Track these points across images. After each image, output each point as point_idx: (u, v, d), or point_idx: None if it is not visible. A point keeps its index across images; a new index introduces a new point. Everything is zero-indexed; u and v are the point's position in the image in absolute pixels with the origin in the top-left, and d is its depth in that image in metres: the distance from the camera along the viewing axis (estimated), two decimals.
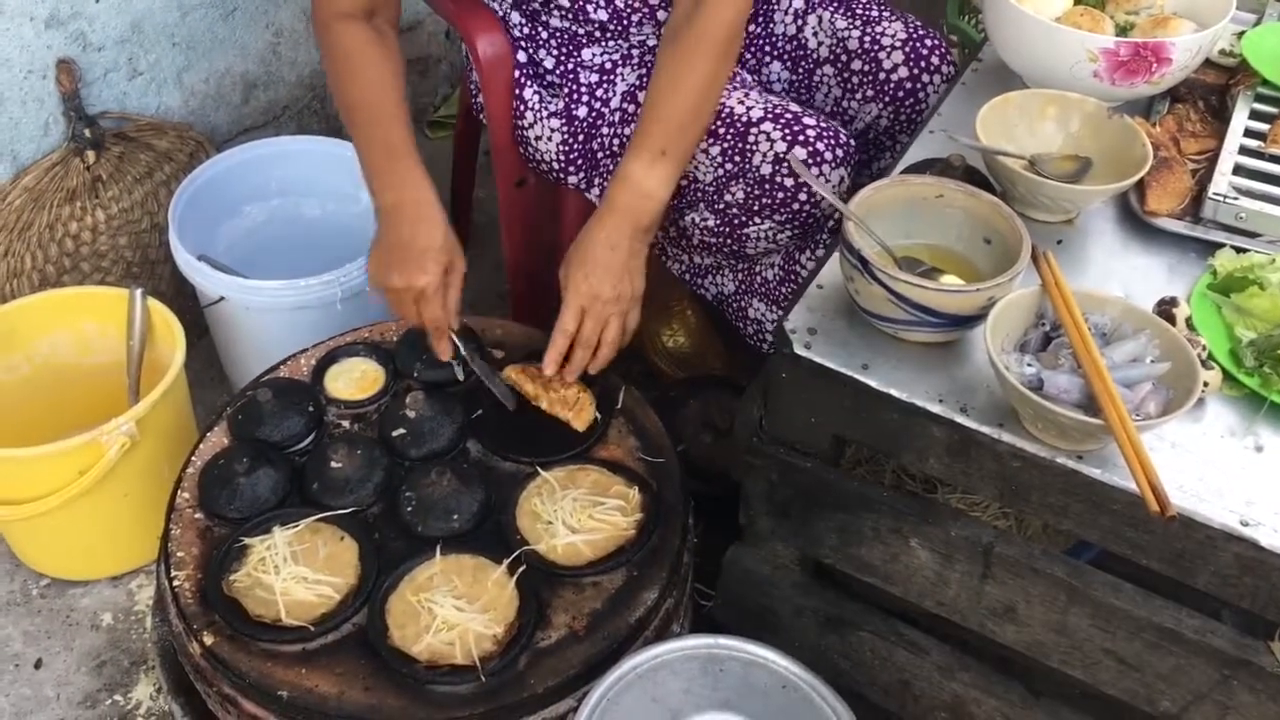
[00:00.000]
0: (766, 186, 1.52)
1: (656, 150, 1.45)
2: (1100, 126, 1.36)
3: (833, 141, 1.52)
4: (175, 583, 1.32)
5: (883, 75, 1.66)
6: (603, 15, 1.59)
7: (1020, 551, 1.20)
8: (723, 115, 1.55)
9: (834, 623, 1.41)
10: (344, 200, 2.07)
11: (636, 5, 1.59)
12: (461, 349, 1.49)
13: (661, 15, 1.61)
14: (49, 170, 1.85)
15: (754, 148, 1.52)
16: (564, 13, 1.60)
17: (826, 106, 1.73)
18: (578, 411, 1.47)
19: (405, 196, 1.47)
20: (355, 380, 1.54)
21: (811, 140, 1.50)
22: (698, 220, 1.63)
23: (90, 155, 1.88)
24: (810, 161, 1.50)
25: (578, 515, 1.37)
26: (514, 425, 1.48)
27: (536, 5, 1.60)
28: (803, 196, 1.53)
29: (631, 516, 1.38)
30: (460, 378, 1.54)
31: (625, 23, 1.60)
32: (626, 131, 1.61)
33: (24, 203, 1.84)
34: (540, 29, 1.64)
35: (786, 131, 1.50)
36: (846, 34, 1.68)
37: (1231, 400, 1.16)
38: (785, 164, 1.50)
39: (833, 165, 1.51)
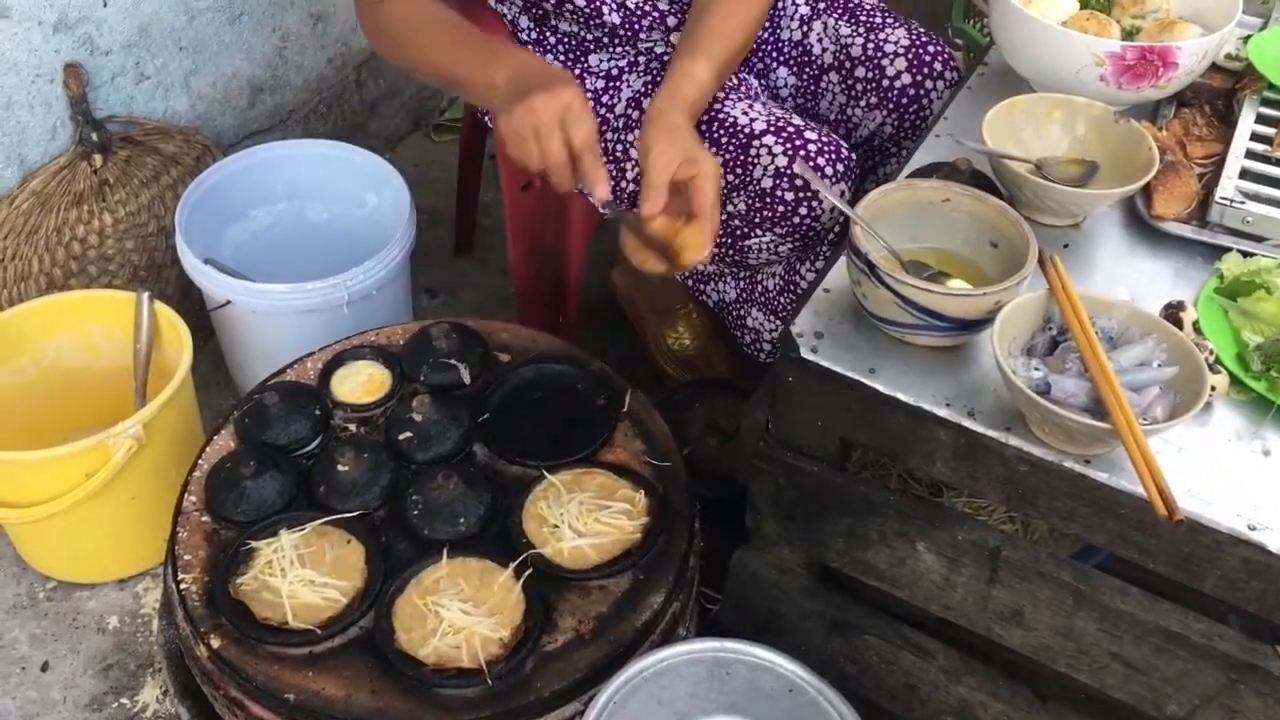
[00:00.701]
0: (767, 200, 1.52)
1: (716, 62, 1.45)
2: (1106, 130, 1.36)
3: (834, 156, 1.53)
4: (182, 586, 1.33)
5: (886, 82, 1.67)
6: (615, 19, 1.59)
7: (1027, 555, 1.20)
8: (725, 125, 1.55)
9: (840, 626, 1.41)
10: (350, 204, 2.07)
11: (647, 9, 1.59)
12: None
13: (671, 21, 1.61)
14: (56, 174, 1.86)
15: (755, 160, 1.52)
16: (576, 14, 1.60)
17: (831, 113, 1.74)
18: (691, 243, 1.36)
19: (515, 63, 1.41)
20: (362, 384, 1.55)
21: (813, 155, 1.50)
22: None
23: (97, 159, 1.89)
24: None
25: (584, 519, 1.37)
26: (520, 429, 1.48)
27: (548, 7, 1.60)
28: (803, 210, 1.53)
29: (637, 520, 1.38)
30: (467, 381, 1.54)
31: (635, 27, 1.60)
32: (630, 137, 1.61)
33: (31, 206, 1.84)
34: (548, 34, 1.64)
35: (788, 145, 1.50)
36: (850, 40, 1.69)
37: (1239, 404, 1.16)
38: (786, 178, 1.50)
39: (834, 180, 1.51)
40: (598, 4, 1.58)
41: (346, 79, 2.42)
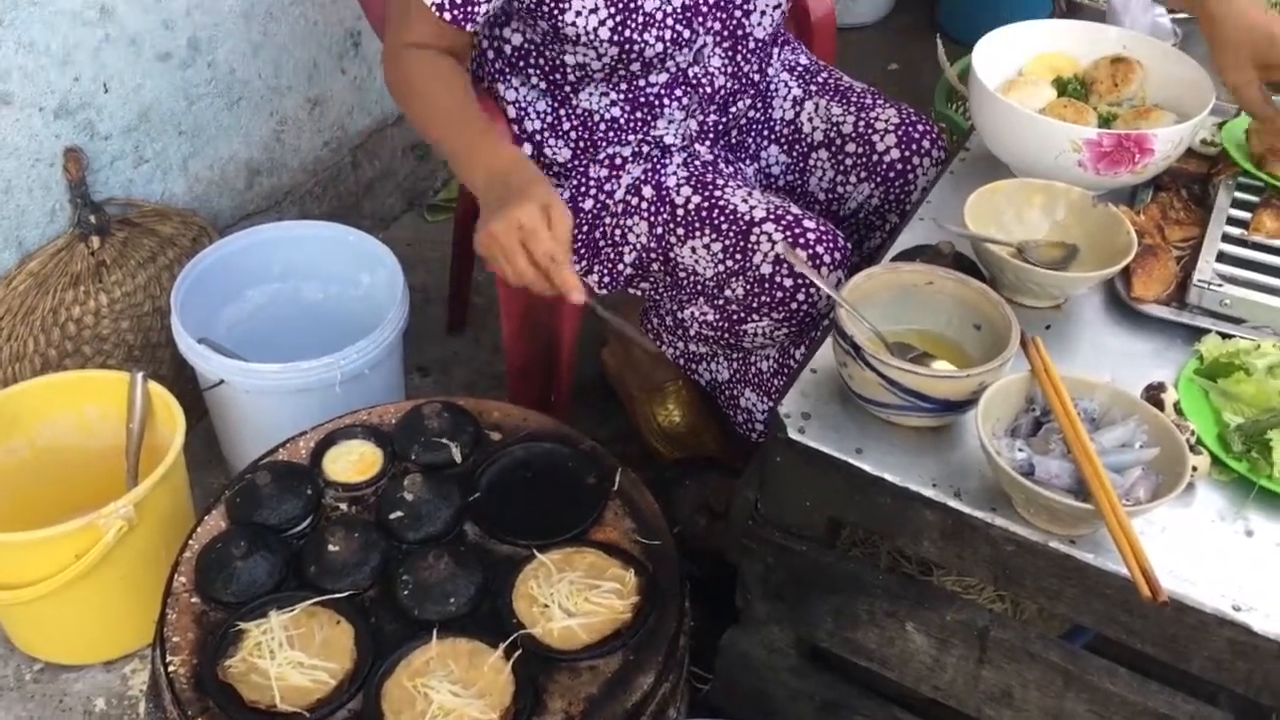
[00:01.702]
0: (766, 285, 1.55)
1: None
2: (1085, 214, 1.39)
3: (831, 245, 1.56)
4: (170, 668, 1.32)
5: (875, 156, 1.71)
6: (664, 79, 1.62)
7: (1016, 635, 1.20)
8: (725, 211, 1.58)
9: (831, 707, 1.40)
10: (345, 284, 2.10)
11: (697, 79, 1.63)
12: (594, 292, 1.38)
13: (715, 66, 1.65)
14: (54, 255, 1.88)
15: (755, 247, 1.55)
16: (629, 76, 1.62)
17: (820, 190, 1.78)
18: None
19: (498, 164, 1.43)
20: (353, 463, 1.55)
21: (811, 243, 1.54)
22: (697, 314, 1.66)
23: (95, 241, 1.92)
24: (810, 263, 1.53)
25: (574, 598, 1.37)
26: (511, 507, 1.49)
27: (573, 78, 1.63)
28: (801, 296, 1.56)
29: (628, 600, 1.38)
30: (458, 459, 1.55)
31: (675, 91, 1.64)
32: (629, 222, 1.65)
33: (28, 287, 1.86)
34: (565, 119, 1.67)
35: (788, 233, 1.54)
36: (841, 119, 1.73)
37: (1221, 485, 1.18)
38: (785, 264, 1.53)
39: (830, 268, 1.54)
40: (652, 68, 1.60)
41: (342, 161, 2.46)
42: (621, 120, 1.66)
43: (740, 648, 1.43)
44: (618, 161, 1.67)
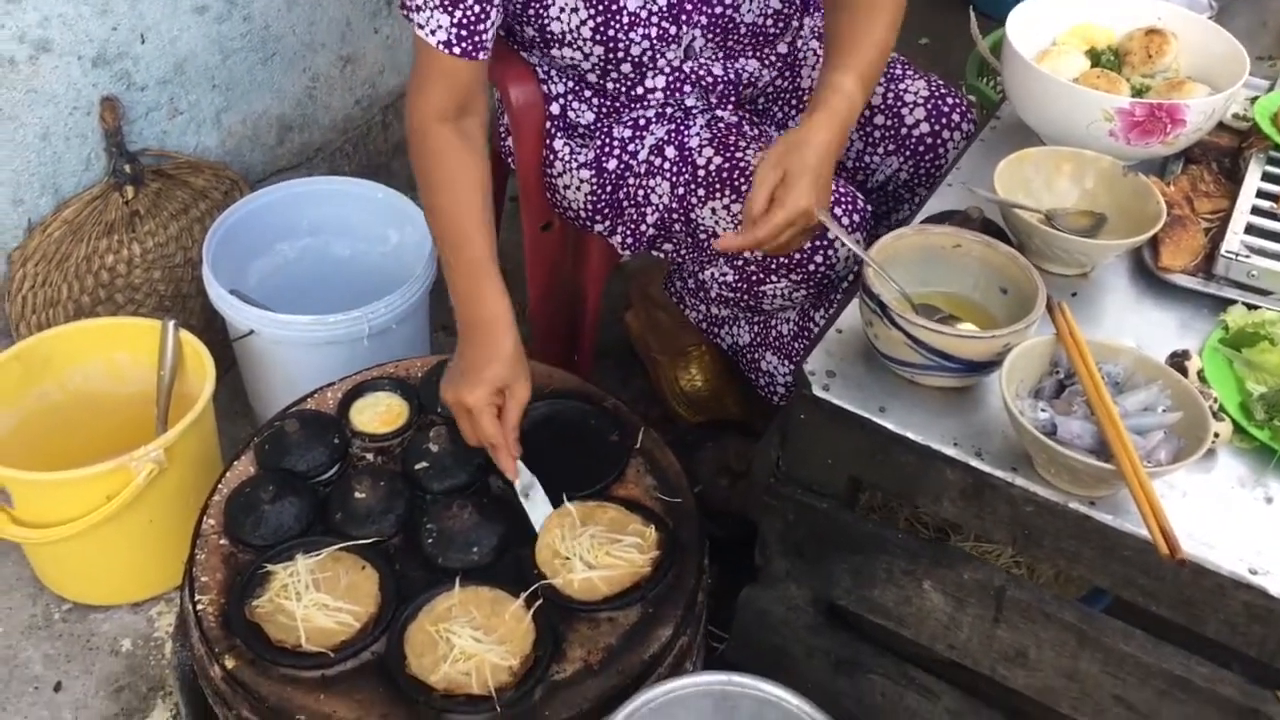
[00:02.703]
0: None
1: (856, 72, 1.43)
2: (1115, 184, 1.39)
3: (850, 207, 1.56)
4: (199, 607, 1.35)
5: (904, 130, 1.71)
6: (661, 82, 1.64)
7: (1032, 595, 1.21)
8: (747, 173, 1.58)
9: (846, 665, 1.42)
10: (372, 240, 2.11)
11: (696, 75, 1.65)
12: (523, 480, 1.46)
13: (709, 81, 1.66)
14: (89, 204, 1.90)
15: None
16: (621, 81, 1.64)
17: (848, 159, 1.78)
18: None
19: (479, 316, 1.48)
20: (380, 414, 1.57)
21: (829, 205, 1.54)
22: (717, 275, 1.66)
23: (129, 190, 1.94)
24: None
25: (595, 552, 1.39)
26: (535, 462, 1.51)
27: (592, 80, 1.65)
28: (819, 258, 1.56)
29: (648, 554, 1.40)
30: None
31: (679, 93, 1.66)
32: (651, 183, 1.65)
33: (63, 234, 1.89)
34: (585, 88, 1.69)
35: None
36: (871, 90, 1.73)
37: (1242, 452, 1.18)
38: None
39: (849, 230, 1.55)
40: (644, 71, 1.62)
41: (373, 120, 2.47)
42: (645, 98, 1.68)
43: (758, 605, 1.45)
44: (641, 123, 1.67)
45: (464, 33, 1.49)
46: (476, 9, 1.48)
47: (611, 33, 1.55)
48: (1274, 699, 1.12)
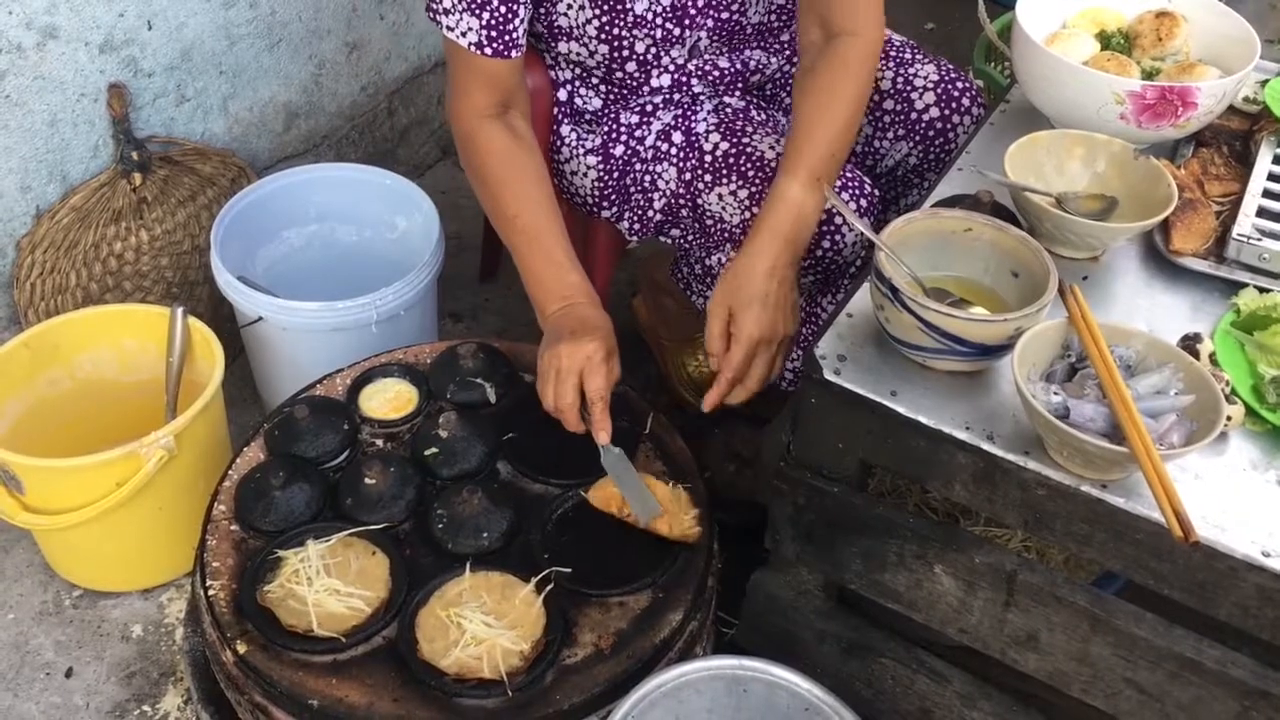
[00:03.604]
0: None
1: (810, 172, 1.45)
2: (1126, 167, 1.39)
3: (857, 192, 1.56)
4: (210, 592, 1.35)
5: (914, 115, 1.70)
6: (666, 80, 1.65)
7: (1043, 579, 1.21)
8: (753, 158, 1.58)
9: (856, 649, 1.42)
10: (379, 227, 2.11)
11: (702, 71, 1.64)
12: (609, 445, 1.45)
13: (713, 76, 1.65)
14: (97, 191, 1.90)
15: None
16: (626, 80, 1.64)
17: (858, 145, 1.77)
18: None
19: (566, 290, 1.50)
20: (389, 400, 1.58)
21: (836, 190, 1.54)
22: (724, 260, 1.66)
23: (137, 177, 1.93)
24: (834, 210, 1.53)
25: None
26: (544, 448, 1.51)
27: (599, 73, 1.65)
28: (825, 244, 1.56)
29: (689, 513, 1.42)
30: (493, 400, 1.57)
31: (686, 88, 1.66)
32: (658, 168, 1.65)
33: (71, 221, 1.89)
34: (592, 76, 1.69)
35: None
36: (880, 75, 1.72)
37: (1254, 435, 1.18)
38: None
39: (857, 215, 1.54)
40: (649, 69, 1.62)
41: (379, 106, 2.47)
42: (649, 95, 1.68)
43: (768, 589, 1.45)
44: (649, 108, 1.67)
45: (494, 33, 1.49)
46: (503, 9, 1.48)
47: (616, 31, 1.55)
48: None
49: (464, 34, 1.49)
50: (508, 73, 1.54)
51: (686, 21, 1.57)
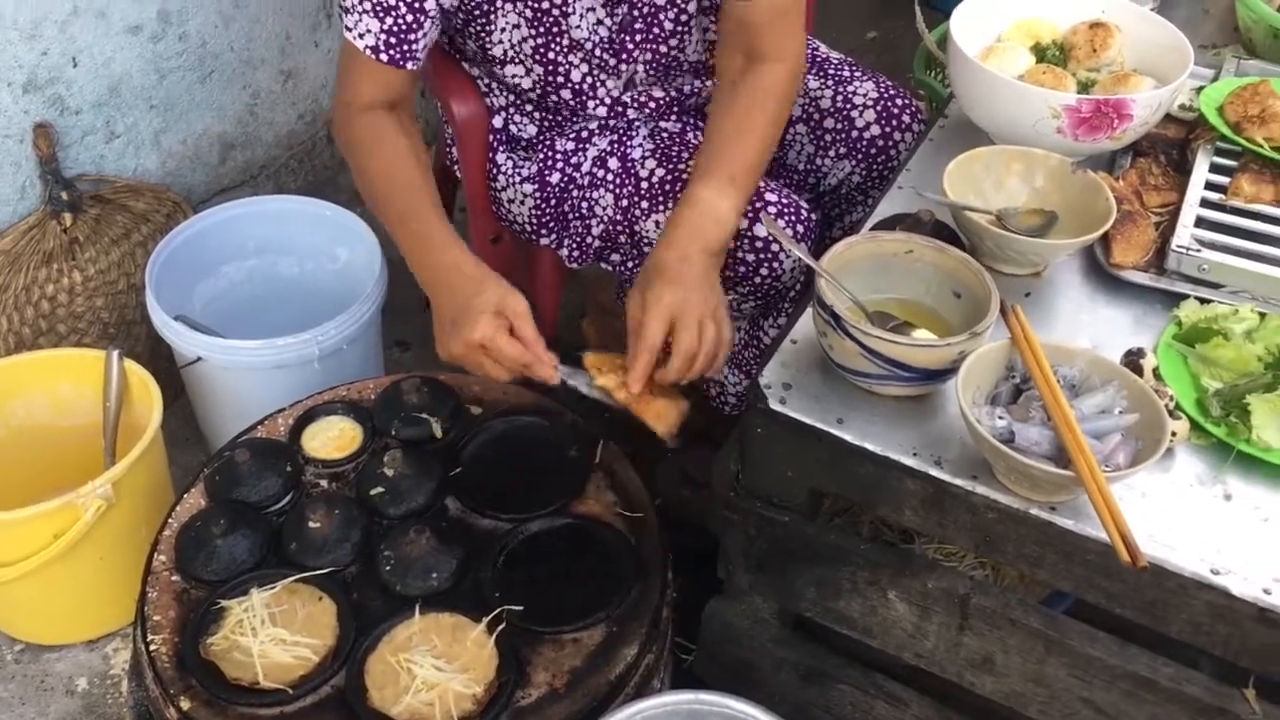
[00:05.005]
0: (729, 261, 1.53)
1: (725, 177, 1.44)
2: (1064, 181, 1.39)
3: (794, 218, 1.55)
4: (152, 647, 1.32)
5: (855, 133, 1.70)
6: (602, 111, 1.63)
7: (997, 602, 1.21)
8: None
9: (814, 676, 1.41)
10: (321, 258, 2.08)
11: (638, 102, 1.63)
12: (562, 374, 1.40)
13: (652, 106, 1.64)
14: (26, 233, 1.86)
15: None
16: (561, 106, 1.63)
17: (800, 163, 1.76)
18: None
19: (442, 277, 1.45)
20: (333, 439, 1.55)
21: (773, 217, 1.53)
22: None
23: (67, 218, 1.89)
24: (772, 238, 1.52)
25: None
26: (493, 482, 1.49)
27: (534, 97, 1.63)
28: (764, 271, 1.55)
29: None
30: (439, 434, 1.54)
31: (621, 119, 1.64)
32: (595, 195, 1.63)
33: (0, 266, 1.84)
34: (526, 103, 1.67)
35: (749, 208, 1.53)
36: (819, 94, 1.72)
37: (1199, 449, 1.18)
38: (747, 240, 1.53)
39: (794, 241, 1.53)
40: (584, 99, 1.61)
41: (318, 134, 2.43)
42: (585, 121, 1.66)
43: (723, 618, 1.44)
44: (584, 134, 1.66)
45: (393, 40, 1.47)
46: (409, 18, 1.46)
47: (552, 55, 1.54)
48: (1241, 697, 1.12)
49: (361, 35, 1.47)
50: (400, 82, 1.52)
51: (624, 55, 1.56)
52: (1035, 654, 1.20)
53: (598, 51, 1.54)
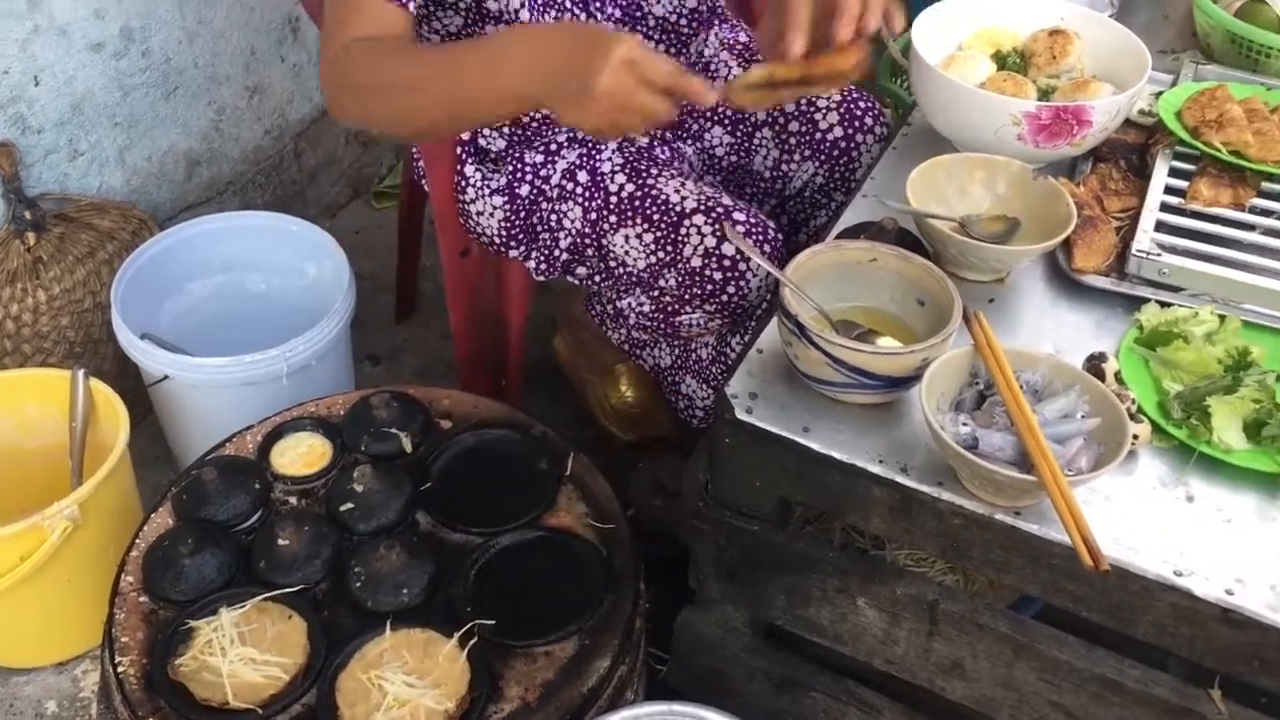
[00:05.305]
0: (697, 278, 1.54)
1: None
2: (1026, 187, 1.40)
3: (761, 237, 1.55)
4: (120, 669, 1.31)
5: (819, 135, 1.71)
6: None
7: (965, 608, 1.21)
8: (658, 201, 1.57)
9: (787, 684, 1.41)
10: (290, 274, 2.07)
11: (584, 19, 1.62)
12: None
13: None
14: None
15: (685, 239, 1.54)
16: (532, 118, 1.62)
17: (765, 170, 1.77)
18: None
19: (531, 47, 1.28)
20: (302, 455, 1.54)
21: (740, 236, 1.53)
22: (634, 304, 1.66)
23: (31, 237, 1.88)
24: (739, 256, 1.52)
25: None
26: (463, 496, 1.48)
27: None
28: (731, 289, 1.55)
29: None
30: (408, 449, 1.54)
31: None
32: (564, 208, 1.64)
33: None
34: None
35: (717, 225, 1.53)
36: None
37: (1161, 452, 1.19)
38: (715, 257, 1.53)
39: (758, 250, 1.53)
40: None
41: (284, 149, 2.42)
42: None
43: (695, 628, 1.44)
44: (553, 147, 1.66)
45: None
46: None
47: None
48: (1207, 698, 1.13)
49: None
50: (398, 22, 1.39)
51: (594, 5, 1.54)
52: (1004, 658, 1.20)
53: (568, 4, 1.53)
